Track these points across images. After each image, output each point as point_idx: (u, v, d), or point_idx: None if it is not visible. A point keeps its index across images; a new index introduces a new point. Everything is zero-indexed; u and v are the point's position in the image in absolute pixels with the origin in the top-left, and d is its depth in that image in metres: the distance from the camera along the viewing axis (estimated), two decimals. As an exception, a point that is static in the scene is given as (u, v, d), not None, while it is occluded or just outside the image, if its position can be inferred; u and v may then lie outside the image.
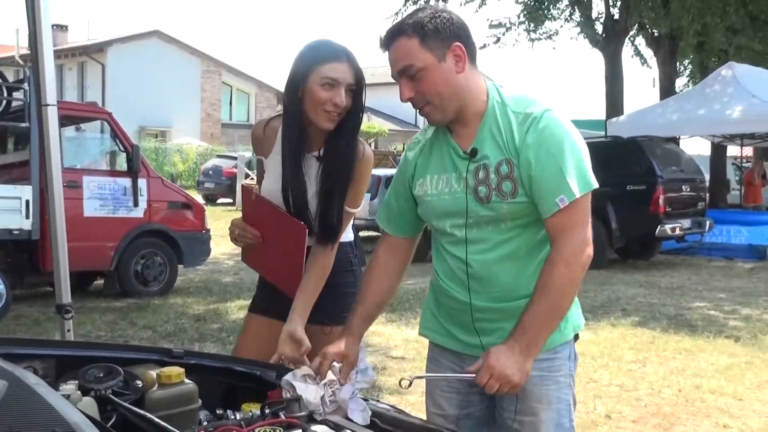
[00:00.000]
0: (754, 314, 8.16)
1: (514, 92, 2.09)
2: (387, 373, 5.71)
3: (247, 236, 2.59)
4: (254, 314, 2.79)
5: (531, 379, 1.99)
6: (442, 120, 2.07)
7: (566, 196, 1.93)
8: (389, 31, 2.04)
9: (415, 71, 1.99)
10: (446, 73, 2.00)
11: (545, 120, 1.98)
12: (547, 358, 2.08)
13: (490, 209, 2.03)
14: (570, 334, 2.14)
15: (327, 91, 2.42)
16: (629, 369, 5.91)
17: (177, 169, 31.29)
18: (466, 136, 2.08)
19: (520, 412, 2.08)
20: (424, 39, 1.98)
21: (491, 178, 2.01)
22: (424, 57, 1.98)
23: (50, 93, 3.74)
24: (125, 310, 8.13)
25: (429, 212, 2.16)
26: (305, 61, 2.47)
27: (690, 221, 12.32)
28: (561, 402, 2.11)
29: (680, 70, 24.73)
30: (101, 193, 8.58)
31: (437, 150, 2.15)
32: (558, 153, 1.95)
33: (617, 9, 18.03)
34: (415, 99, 2.03)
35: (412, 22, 1.99)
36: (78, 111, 9.72)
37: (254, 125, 2.77)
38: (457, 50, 2.00)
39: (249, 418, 1.73)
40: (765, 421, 4.70)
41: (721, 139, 18.76)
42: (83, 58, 35.14)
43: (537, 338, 1.90)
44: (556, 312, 1.94)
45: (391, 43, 2.02)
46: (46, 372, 1.82)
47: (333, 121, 2.47)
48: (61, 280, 3.81)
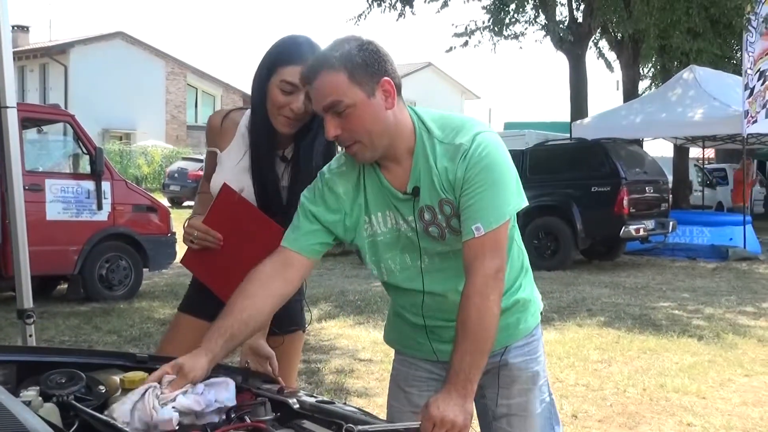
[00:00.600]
0: (717, 313, 8.29)
1: (435, 115, 2.01)
2: (354, 375, 5.70)
3: (209, 239, 2.43)
4: (186, 314, 2.65)
5: (517, 364, 2.15)
6: (371, 158, 1.96)
7: (482, 225, 1.89)
8: (312, 64, 1.90)
9: (343, 108, 1.86)
10: (376, 110, 1.89)
11: (473, 149, 1.91)
12: (527, 342, 2.19)
13: (446, 245, 2.01)
14: (538, 315, 2.25)
15: (285, 95, 2.31)
16: (595, 369, 5.97)
17: (142, 171, 31.03)
18: (399, 174, 1.99)
19: (507, 396, 2.17)
20: (352, 74, 1.85)
21: (439, 218, 1.98)
22: (353, 93, 1.86)
23: (10, 95, 3.68)
24: (89, 315, 8.02)
25: (379, 249, 2.07)
26: (269, 60, 2.37)
27: (654, 222, 12.50)
28: (541, 379, 2.22)
29: (643, 73, 25.07)
30: (64, 197, 8.46)
31: (371, 187, 2.04)
32: (484, 183, 1.90)
33: (581, 12, 18.23)
34: (342, 137, 1.91)
35: (338, 54, 1.86)
36: (40, 113, 9.57)
37: (212, 115, 2.62)
38: (387, 85, 1.90)
39: (214, 423, 1.71)
40: (727, 418, 4.77)
41: (683, 141, 19.08)
42: (45, 59, 34.72)
43: (470, 376, 1.84)
44: (483, 345, 1.87)
45: (315, 78, 1.88)
46: (6, 378, 1.79)
47: (291, 127, 2.37)
48: (23, 284, 3.75)
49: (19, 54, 31.67)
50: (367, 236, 2.07)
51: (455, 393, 1.81)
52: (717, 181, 24.32)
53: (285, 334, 2.57)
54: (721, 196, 23.71)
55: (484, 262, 1.89)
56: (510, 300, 2.12)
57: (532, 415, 2.18)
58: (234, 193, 2.43)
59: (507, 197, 1.94)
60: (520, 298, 2.17)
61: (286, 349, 2.57)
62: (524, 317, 2.18)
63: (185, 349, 2.41)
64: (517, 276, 2.17)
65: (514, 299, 2.14)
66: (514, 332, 2.16)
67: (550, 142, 14.43)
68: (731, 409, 4.98)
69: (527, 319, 2.19)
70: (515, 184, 1.97)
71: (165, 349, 2.58)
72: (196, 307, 2.63)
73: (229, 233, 2.44)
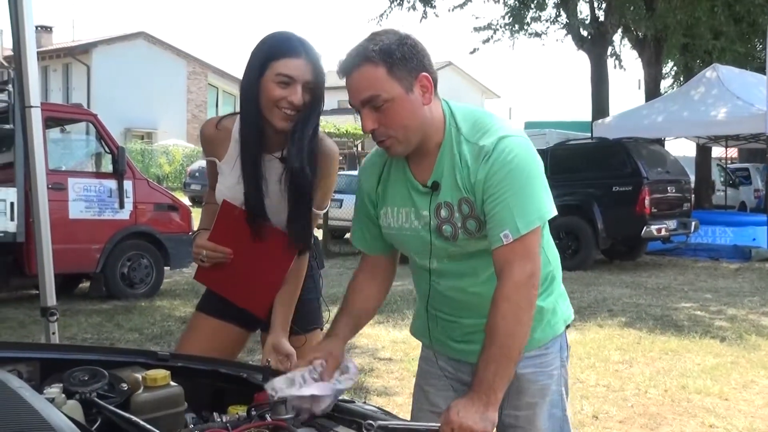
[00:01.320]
0: (740, 314, 8.21)
1: (468, 112, 2.00)
2: (374, 374, 5.71)
3: (218, 255, 2.46)
4: (204, 314, 2.65)
5: (526, 375, 2.07)
6: (403, 153, 1.97)
7: (510, 232, 1.87)
8: (350, 57, 1.88)
9: (381, 102, 1.86)
10: (413, 105, 1.89)
11: (496, 153, 1.89)
12: (539, 354, 2.12)
13: (458, 246, 2.00)
14: (560, 328, 2.18)
15: (282, 88, 2.26)
16: (616, 369, 5.93)
17: (163, 170, 31.18)
18: (424, 166, 2.00)
19: (515, 407, 2.11)
20: (391, 68, 1.85)
21: (456, 217, 1.96)
22: (392, 88, 1.85)
23: (34, 95, 3.72)
24: (111, 313, 8.09)
25: (394, 242, 2.15)
26: (260, 56, 2.31)
27: (676, 222, 12.39)
28: (554, 393, 2.14)
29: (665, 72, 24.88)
30: (87, 195, 8.54)
31: (395, 179, 2.07)
32: (509, 189, 1.88)
33: (602, 11, 18.13)
34: (378, 131, 1.91)
35: (378, 48, 1.85)
36: (63, 113, 9.67)
37: (204, 125, 2.57)
38: (424, 81, 1.90)
39: (235, 421, 1.72)
40: (750, 420, 4.73)
41: (705, 141, 18.90)
42: (68, 59, 34.99)
43: (494, 385, 1.81)
44: (509, 353, 1.84)
45: (355, 69, 1.87)
46: (30, 375, 1.80)
47: (288, 121, 2.30)
48: (46, 282, 3.79)
49: (43, 54, 31.90)
50: (384, 226, 2.11)
51: (477, 400, 1.79)
52: (740, 180, 24.05)
53: (304, 333, 2.59)
54: (744, 196, 23.46)
55: (514, 268, 1.86)
56: None
57: (537, 429, 2.13)
58: (234, 208, 2.44)
59: (536, 203, 1.91)
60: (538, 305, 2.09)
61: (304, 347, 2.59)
62: (540, 327, 2.11)
63: (203, 348, 2.47)
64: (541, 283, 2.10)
65: None
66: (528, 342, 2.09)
67: (571, 142, 14.36)
68: (754, 410, 4.94)
69: (543, 330, 2.12)
70: (545, 191, 1.94)
71: (184, 348, 2.59)
72: (213, 308, 2.64)
73: (236, 245, 2.46)
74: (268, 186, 2.43)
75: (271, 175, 2.43)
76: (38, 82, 3.81)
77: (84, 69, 34.42)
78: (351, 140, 33.81)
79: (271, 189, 2.43)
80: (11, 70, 8.09)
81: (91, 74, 34.24)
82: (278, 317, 2.46)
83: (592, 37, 17.86)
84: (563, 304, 2.21)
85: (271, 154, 2.43)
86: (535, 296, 1.89)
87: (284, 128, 2.32)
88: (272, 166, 2.43)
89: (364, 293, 2.16)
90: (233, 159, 2.46)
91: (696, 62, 21.44)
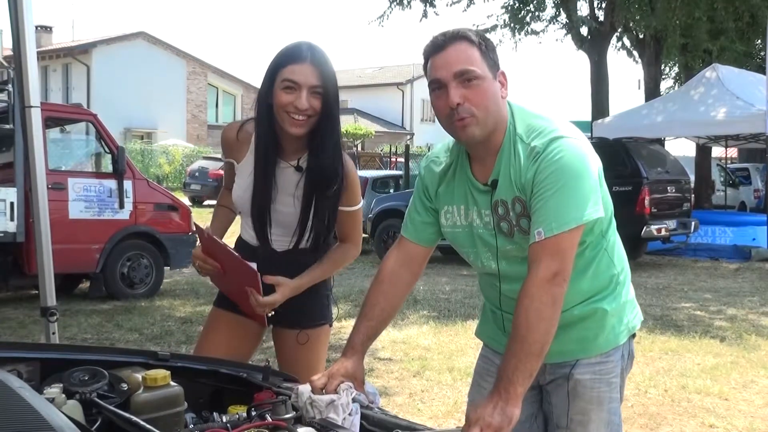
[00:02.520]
0: (740, 314, 8.21)
1: (527, 114, 2.06)
2: (374, 374, 5.70)
3: (208, 267, 2.54)
4: (222, 309, 2.71)
5: (583, 381, 2.10)
6: (479, 136, 1.99)
7: (543, 230, 1.89)
8: (450, 32, 1.99)
9: (473, 77, 1.94)
10: (496, 91, 2.00)
11: (545, 153, 1.94)
12: (599, 362, 2.13)
13: (516, 243, 2.03)
14: (623, 338, 2.18)
15: (288, 94, 2.33)
16: (616, 369, 5.92)
17: (163, 170, 31.18)
18: (485, 165, 2.06)
19: (569, 411, 2.13)
20: (485, 53, 1.98)
21: (511, 215, 2.02)
22: (483, 68, 1.96)
23: (33, 95, 3.72)
24: (111, 313, 8.09)
25: (458, 242, 2.17)
26: (272, 65, 2.39)
27: (675, 222, 12.40)
28: (612, 402, 2.15)
29: (665, 72, 24.88)
30: (86, 195, 8.54)
31: (459, 179, 2.12)
32: (551, 188, 1.91)
33: (602, 11, 18.13)
34: (462, 107, 1.95)
35: (475, 32, 1.99)
36: (63, 113, 9.66)
37: (226, 128, 2.64)
38: (502, 77, 2.02)
39: (235, 421, 1.72)
40: (750, 420, 4.73)
41: (705, 141, 18.91)
42: (68, 59, 34.99)
43: (513, 378, 1.80)
44: (530, 347, 1.82)
45: (452, 44, 1.97)
46: (30, 375, 1.80)
47: (299, 126, 2.36)
48: (46, 282, 3.79)
49: (43, 54, 31.90)
50: (447, 225, 2.16)
51: (496, 396, 1.80)
52: (740, 180, 24.06)
53: (313, 327, 2.63)
54: (744, 196, 23.46)
55: (540, 265, 1.88)
56: (587, 308, 2.10)
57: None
58: (203, 231, 2.52)
59: (576, 204, 1.91)
60: (601, 308, 2.11)
61: (314, 343, 2.63)
62: (602, 333, 2.12)
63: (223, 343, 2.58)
64: (604, 287, 2.13)
65: (592, 308, 2.10)
66: (588, 346, 2.13)
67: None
68: (754, 410, 4.94)
69: (606, 336, 2.12)
70: (589, 193, 1.94)
71: (206, 348, 2.64)
72: (228, 303, 2.68)
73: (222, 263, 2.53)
74: (278, 193, 2.48)
75: (283, 182, 2.48)
76: (38, 82, 3.81)
77: (84, 69, 34.41)
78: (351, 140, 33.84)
79: (281, 196, 2.49)
80: (11, 70, 8.07)
81: (91, 74, 34.23)
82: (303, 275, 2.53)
83: (592, 37, 17.86)
84: (630, 313, 2.21)
85: (287, 162, 2.48)
86: (560, 295, 1.87)
87: (296, 133, 2.38)
88: (286, 174, 2.48)
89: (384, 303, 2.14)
90: (250, 163, 2.51)
91: (696, 62, 21.45)
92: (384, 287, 2.14)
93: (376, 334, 2.13)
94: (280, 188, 2.49)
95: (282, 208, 2.50)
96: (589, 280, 2.07)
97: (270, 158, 2.46)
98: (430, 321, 7.64)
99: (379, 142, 37.06)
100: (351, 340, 2.08)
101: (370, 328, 2.10)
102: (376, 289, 2.14)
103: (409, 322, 7.65)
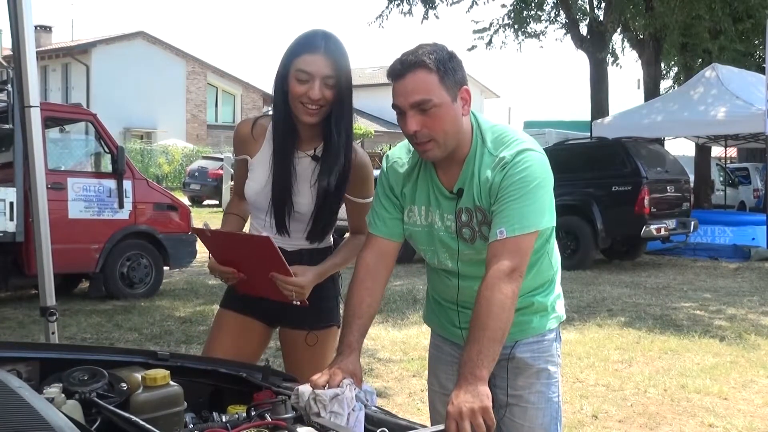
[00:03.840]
0: (739, 314, 8.22)
1: (493, 127, 2.15)
2: (373, 374, 5.71)
3: (228, 276, 2.50)
4: (229, 311, 2.69)
5: (523, 358, 2.26)
6: (439, 157, 2.09)
7: (506, 230, 2.00)
8: (408, 60, 2.02)
9: (430, 106, 2.00)
10: (455, 114, 2.04)
11: (514, 163, 2.04)
12: (536, 341, 2.29)
13: (475, 249, 2.14)
14: (555, 324, 2.34)
15: (302, 84, 2.35)
16: (615, 369, 5.93)
17: (162, 170, 31.18)
18: (451, 174, 2.14)
19: (513, 387, 2.26)
20: (443, 77, 2.00)
21: (473, 222, 2.12)
22: (441, 94, 2.00)
23: (33, 94, 3.72)
24: (111, 313, 8.08)
25: (415, 239, 2.26)
26: (287, 55, 2.41)
27: (675, 222, 12.39)
28: (551, 378, 2.30)
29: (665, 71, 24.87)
30: (86, 195, 8.53)
31: (423, 181, 2.20)
32: (515, 192, 2.02)
33: (602, 10, 18.12)
34: (420, 133, 2.03)
35: (434, 57, 2.00)
36: (62, 112, 9.65)
37: (239, 124, 2.64)
38: (465, 94, 2.07)
39: (235, 421, 1.72)
40: (749, 420, 4.73)
41: (705, 140, 18.91)
42: (67, 59, 34.98)
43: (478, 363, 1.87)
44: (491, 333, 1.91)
45: (409, 72, 2.01)
46: (30, 375, 1.80)
47: (312, 115, 2.39)
48: (45, 282, 3.79)
49: (42, 54, 31.90)
50: (408, 223, 2.24)
51: (464, 382, 1.86)
52: (739, 180, 24.07)
53: (321, 329, 2.62)
54: (744, 196, 23.47)
55: (501, 260, 1.99)
56: (527, 300, 2.23)
57: (534, 407, 2.26)
58: (203, 231, 2.47)
59: (536, 211, 2.05)
60: (536, 301, 2.27)
61: (322, 345, 2.63)
62: (536, 317, 2.29)
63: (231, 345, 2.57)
64: (541, 285, 2.28)
65: (530, 300, 2.25)
66: (525, 329, 2.26)
67: (570, 141, 14.34)
68: (753, 410, 4.94)
69: (540, 320, 2.29)
70: (548, 204, 2.09)
71: (214, 349, 2.62)
72: (235, 304, 2.67)
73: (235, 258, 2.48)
74: (298, 183, 2.50)
75: (301, 172, 2.50)
76: (37, 81, 3.81)
77: (83, 69, 34.41)
78: (350, 140, 33.78)
79: (301, 186, 2.50)
80: (10, 69, 8.07)
81: (91, 74, 34.23)
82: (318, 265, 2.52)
83: (592, 37, 17.86)
84: (559, 304, 2.38)
85: (303, 152, 2.51)
86: (517, 289, 1.99)
87: (310, 122, 2.42)
88: (303, 163, 2.50)
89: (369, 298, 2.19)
90: (266, 157, 2.52)
91: (695, 62, 21.45)
92: (367, 284, 2.20)
93: (366, 330, 2.19)
94: (299, 178, 2.50)
95: (300, 199, 2.51)
96: (530, 279, 2.19)
97: (288, 146, 2.48)
98: (429, 321, 7.65)
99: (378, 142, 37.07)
100: (345, 338, 2.12)
101: (362, 325, 2.15)
102: (359, 287, 2.20)
103: (409, 322, 7.65)
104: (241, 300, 2.64)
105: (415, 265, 10.79)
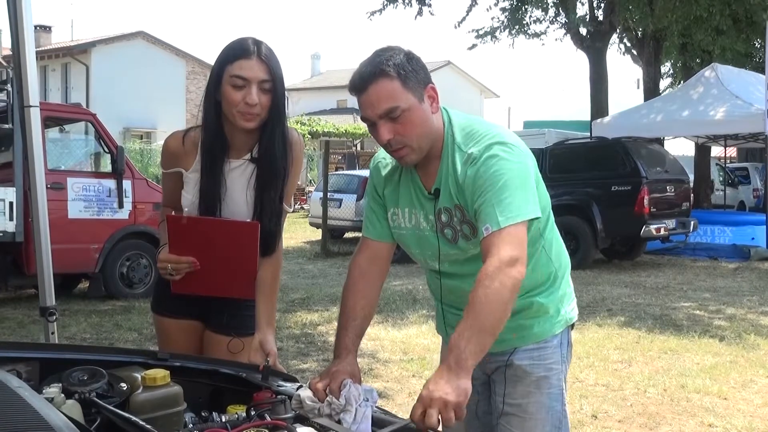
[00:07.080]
0: (739, 314, 8.21)
1: (465, 122, 2.12)
2: (373, 374, 5.71)
3: (183, 266, 2.44)
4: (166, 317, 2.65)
5: (521, 366, 2.18)
6: (416, 161, 2.08)
7: (491, 225, 1.93)
8: (367, 72, 1.99)
9: (399, 113, 1.98)
10: (425, 114, 2.02)
11: (483, 159, 2.00)
12: (537, 348, 2.20)
13: (459, 249, 2.11)
14: (560, 328, 2.25)
15: (238, 90, 2.32)
16: (615, 369, 5.93)
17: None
18: (430, 173, 2.13)
19: (511, 395, 2.19)
20: (405, 81, 1.98)
21: (454, 221, 2.09)
22: (407, 98, 1.98)
23: (33, 94, 3.72)
24: (110, 313, 8.08)
25: (404, 242, 2.24)
26: (219, 63, 2.37)
27: (675, 221, 12.39)
28: (552, 387, 2.21)
29: (664, 71, 24.87)
30: (86, 195, 8.53)
31: (405, 183, 2.19)
32: (490, 187, 1.96)
33: (602, 11, 18.13)
34: (394, 140, 2.01)
35: (392, 63, 1.97)
36: (62, 112, 9.66)
37: (169, 138, 2.58)
38: (431, 91, 2.04)
39: (234, 421, 1.72)
40: (749, 419, 4.73)
41: (704, 140, 18.91)
42: (67, 59, 34.96)
43: (465, 352, 1.78)
44: (484, 323, 1.82)
45: (371, 84, 1.98)
46: (29, 375, 1.80)
47: (251, 121, 2.35)
48: (45, 282, 3.79)
49: (42, 54, 31.86)
50: (393, 226, 2.22)
51: (446, 370, 1.77)
52: (739, 180, 24.07)
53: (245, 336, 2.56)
54: (743, 195, 23.47)
55: (499, 250, 1.90)
56: (526, 301, 2.15)
57: (532, 417, 2.18)
58: (180, 218, 2.45)
59: (516, 202, 1.95)
60: (536, 302, 2.19)
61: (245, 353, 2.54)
62: (537, 323, 2.20)
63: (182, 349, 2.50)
64: (541, 284, 2.20)
65: (530, 301, 2.17)
66: (525, 335, 2.19)
67: (570, 141, 14.33)
68: (753, 410, 4.94)
69: (542, 325, 2.21)
70: (530, 193, 2.00)
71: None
72: (172, 308, 2.63)
73: (198, 250, 2.45)
74: (229, 191, 2.47)
75: (234, 180, 2.47)
76: (37, 81, 3.80)
77: (83, 69, 34.39)
78: (350, 140, 33.83)
79: (234, 193, 2.47)
80: (10, 69, 8.07)
81: (90, 74, 34.21)
82: (263, 316, 2.47)
83: (591, 37, 17.85)
84: (568, 305, 2.28)
85: (238, 159, 2.47)
86: (518, 279, 1.89)
87: (248, 127, 2.38)
88: (236, 171, 2.47)
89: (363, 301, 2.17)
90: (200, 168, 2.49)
91: (695, 61, 21.44)
92: (360, 287, 2.18)
93: (363, 332, 2.16)
94: (229, 186, 2.47)
95: (233, 207, 2.47)
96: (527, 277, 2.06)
97: (218, 155, 2.44)
98: (429, 321, 7.63)
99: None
100: (341, 341, 2.09)
101: (357, 327, 2.12)
102: (353, 289, 2.18)
103: (408, 322, 7.65)
104: (173, 301, 2.59)
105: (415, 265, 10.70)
